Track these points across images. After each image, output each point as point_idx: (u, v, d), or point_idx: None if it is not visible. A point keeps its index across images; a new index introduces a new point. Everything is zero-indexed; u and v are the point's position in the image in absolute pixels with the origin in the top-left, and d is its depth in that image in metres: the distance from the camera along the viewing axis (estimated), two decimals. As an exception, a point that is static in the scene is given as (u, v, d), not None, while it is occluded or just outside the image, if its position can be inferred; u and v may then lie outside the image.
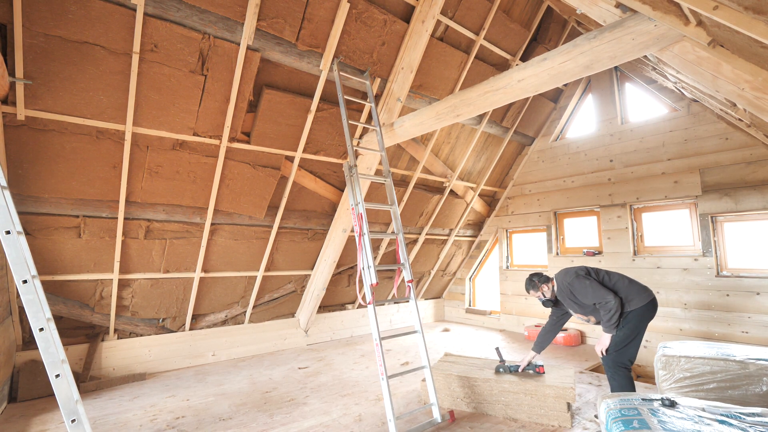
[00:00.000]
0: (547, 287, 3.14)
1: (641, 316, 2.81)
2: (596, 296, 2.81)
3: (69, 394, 1.91)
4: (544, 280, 3.16)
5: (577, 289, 2.91)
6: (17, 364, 3.54)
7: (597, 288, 2.82)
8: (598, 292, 2.80)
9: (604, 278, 2.95)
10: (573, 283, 2.93)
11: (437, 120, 3.60)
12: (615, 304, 2.75)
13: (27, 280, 1.92)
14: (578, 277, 2.92)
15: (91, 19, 2.85)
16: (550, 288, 3.14)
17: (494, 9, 4.48)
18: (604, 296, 2.77)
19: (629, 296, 2.84)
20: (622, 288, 2.88)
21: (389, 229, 5.71)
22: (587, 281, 2.87)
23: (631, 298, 2.82)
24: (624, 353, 2.79)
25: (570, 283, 2.95)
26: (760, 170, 4.19)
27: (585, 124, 6.05)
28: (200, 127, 3.60)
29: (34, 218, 3.30)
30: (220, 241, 4.28)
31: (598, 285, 2.83)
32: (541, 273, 3.21)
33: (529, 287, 3.20)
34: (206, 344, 4.66)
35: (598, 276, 2.96)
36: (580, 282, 2.90)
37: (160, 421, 3.03)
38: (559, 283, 3.06)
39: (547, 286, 3.14)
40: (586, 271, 2.97)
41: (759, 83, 1.91)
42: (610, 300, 2.75)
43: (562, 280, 3.04)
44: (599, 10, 2.29)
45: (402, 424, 2.92)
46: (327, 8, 3.57)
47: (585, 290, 2.86)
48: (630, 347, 2.79)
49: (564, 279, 3.02)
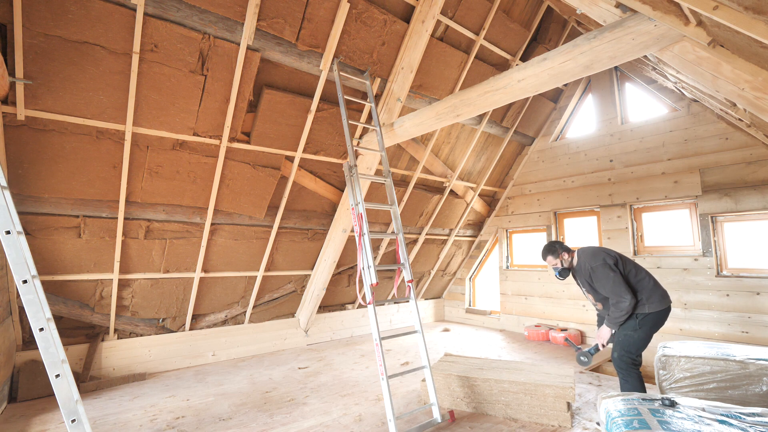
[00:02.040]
0: (567, 256, 3.06)
1: (658, 320, 2.78)
2: (614, 292, 2.74)
3: (69, 394, 1.91)
4: (566, 249, 3.07)
5: (598, 276, 2.82)
6: (17, 364, 3.54)
7: (618, 284, 2.73)
8: (618, 288, 2.72)
9: (630, 272, 2.85)
10: (596, 269, 2.83)
11: (437, 120, 3.60)
12: (628, 306, 2.70)
13: (27, 280, 1.92)
14: (605, 265, 2.81)
15: (91, 19, 2.85)
16: (569, 259, 3.06)
17: (494, 9, 4.48)
18: (622, 295, 2.71)
19: (652, 298, 2.77)
20: (646, 288, 2.80)
21: (389, 229, 5.71)
22: (612, 273, 2.77)
23: (654, 300, 2.77)
24: (639, 354, 2.78)
25: (593, 267, 2.85)
26: (760, 170, 4.19)
27: (585, 124, 6.06)
28: (200, 127, 3.60)
29: (34, 218, 3.30)
30: (220, 241, 4.28)
31: (620, 281, 2.74)
32: (562, 243, 3.12)
33: (548, 253, 3.10)
34: (206, 344, 4.66)
35: (625, 268, 2.86)
36: (603, 271, 2.80)
37: (160, 421, 3.03)
38: (582, 261, 2.96)
39: (567, 255, 3.06)
40: (615, 261, 2.85)
41: (759, 83, 1.91)
42: (626, 301, 2.69)
43: (586, 260, 2.93)
44: (599, 10, 2.29)
45: (402, 424, 2.92)
46: (327, 8, 3.57)
47: (606, 281, 2.78)
48: (644, 348, 2.78)
49: (588, 260, 2.91)
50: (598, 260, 2.85)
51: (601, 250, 2.94)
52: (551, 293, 5.93)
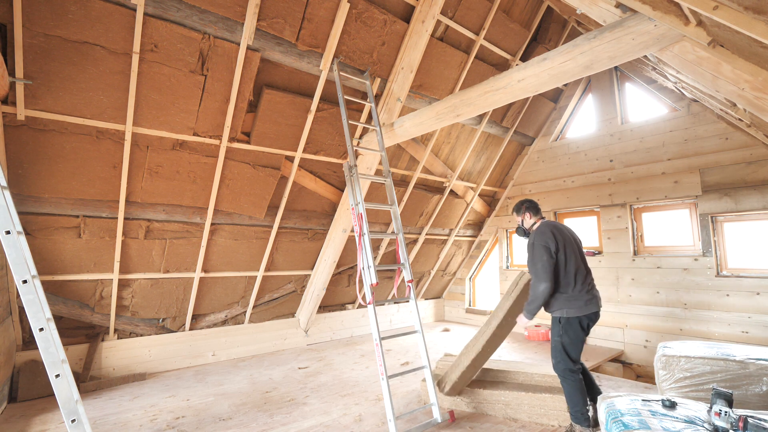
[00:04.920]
0: (529, 218, 2.99)
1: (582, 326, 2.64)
2: (536, 274, 2.64)
3: (69, 394, 1.91)
4: (533, 212, 2.98)
5: (533, 253, 2.70)
6: (17, 364, 3.54)
7: (544, 269, 2.61)
8: (542, 273, 2.61)
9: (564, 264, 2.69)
10: (535, 246, 2.71)
11: (437, 120, 3.60)
12: (542, 293, 2.59)
13: (27, 280, 1.92)
14: (544, 247, 2.67)
15: (91, 19, 2.85)
16: (530, 223, 2.99)
17: (494, 9, 4.48)
18: (541, 280, 2.61)
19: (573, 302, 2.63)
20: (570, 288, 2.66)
21: (389, 229, 5.71)
22: (545, 257, 2.64)
23: (574, 306, 2.62)
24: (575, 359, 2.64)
25: (534, 243, 2.73)
26: (760, 170, 4.19)
27: (585, 124, 6.06)
28: (200, 127, 3.60)
29: (34, 218, 3.30)
30: (220, 241, 4.28)
31: (549, 267, 2.61)
32: (537, 206, 3.03)
33: (515, 210, 3.09)
34: (206, 344, 4.66)
35: (566, 255, 2.69)
36: (539, 251, 2.68)
37: (160, 421, 3.03)
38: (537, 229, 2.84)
39: (529, 217, 2.99)
40: (556, 248, 2.69)
41: (759, 83, 1.91)
42: (541, 286, 2.59)
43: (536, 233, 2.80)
44: (599, 10, 2.29)
45: (402, 424, 2.92)
46: (327, 8, 3.57)
47: (536, 261, 2.66)
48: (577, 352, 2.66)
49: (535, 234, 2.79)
50: (541, 239, 2.72)
51: (552, 233, 2.74)
52: (551, 293, 5.92)
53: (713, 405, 1.87)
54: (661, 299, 4.80)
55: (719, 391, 1.89)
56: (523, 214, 3.02)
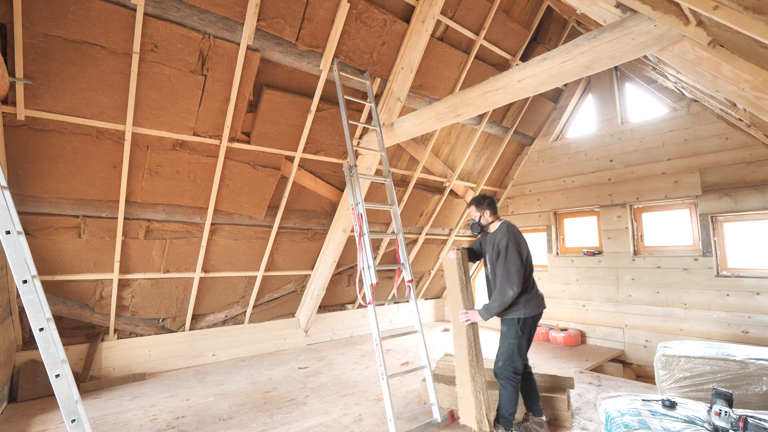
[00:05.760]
0: (489, 216, 2.86)
1: (533, 324, 2.66)
2: (509, 279, 2.56)
3: (69, 394, 1.91)
4: (492, 210, 2.86)
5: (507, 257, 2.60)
6: (17, 364, 3.54)
7: (517, 274, 2.55)
8: (513, 278, 2.55)
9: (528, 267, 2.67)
10: (509, 249, 2.61)
11: (437, 120, 3.60)
12: (510, 299, 2.55)
13: (27, 280, 1.92)
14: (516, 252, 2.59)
15: (91, 19, 2.85)
16: (489, 221, 2.86)
17: (494, 9, 4.48)
18: (514, 286, 2.54)
19: (531, 302, 2.63)
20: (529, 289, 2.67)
21: (389, 229, 5.71)
22: (519, 263, 2.57)
23: (531, 306, 2.63)
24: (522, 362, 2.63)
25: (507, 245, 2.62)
26: (760, 170, 4.19)
27: (585, 124, 6.06)
28: (200, 127, 3.60)
29: (34, 218, 3.30)
30: (220, 241, 4.28)
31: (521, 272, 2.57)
32: (495, 203, 2.92)
33: (474, 203, 2.92)
34: (206, 344, 4.66)
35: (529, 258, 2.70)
36: (513, 255, 2.58)
37: (160, 421, 3.03)
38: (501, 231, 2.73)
39: (490, 215, 2.86)
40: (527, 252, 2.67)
41: (759, 83, 1.91)
42: (513, 293, 2.54)
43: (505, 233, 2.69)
44: (599, 10, 2.29)
45: (402, 424, 2.92)
46: (327, 8, 3.57)
47: (508, 265, 2.58)
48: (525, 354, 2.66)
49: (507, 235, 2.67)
50: (514, 243, 2.63)
51: (520, 236, 2.71)
52: (551, 293, 5.93)
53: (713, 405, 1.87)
54: (661, 299, 4.80)
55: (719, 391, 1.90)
56: (484, 210, 2.87)
